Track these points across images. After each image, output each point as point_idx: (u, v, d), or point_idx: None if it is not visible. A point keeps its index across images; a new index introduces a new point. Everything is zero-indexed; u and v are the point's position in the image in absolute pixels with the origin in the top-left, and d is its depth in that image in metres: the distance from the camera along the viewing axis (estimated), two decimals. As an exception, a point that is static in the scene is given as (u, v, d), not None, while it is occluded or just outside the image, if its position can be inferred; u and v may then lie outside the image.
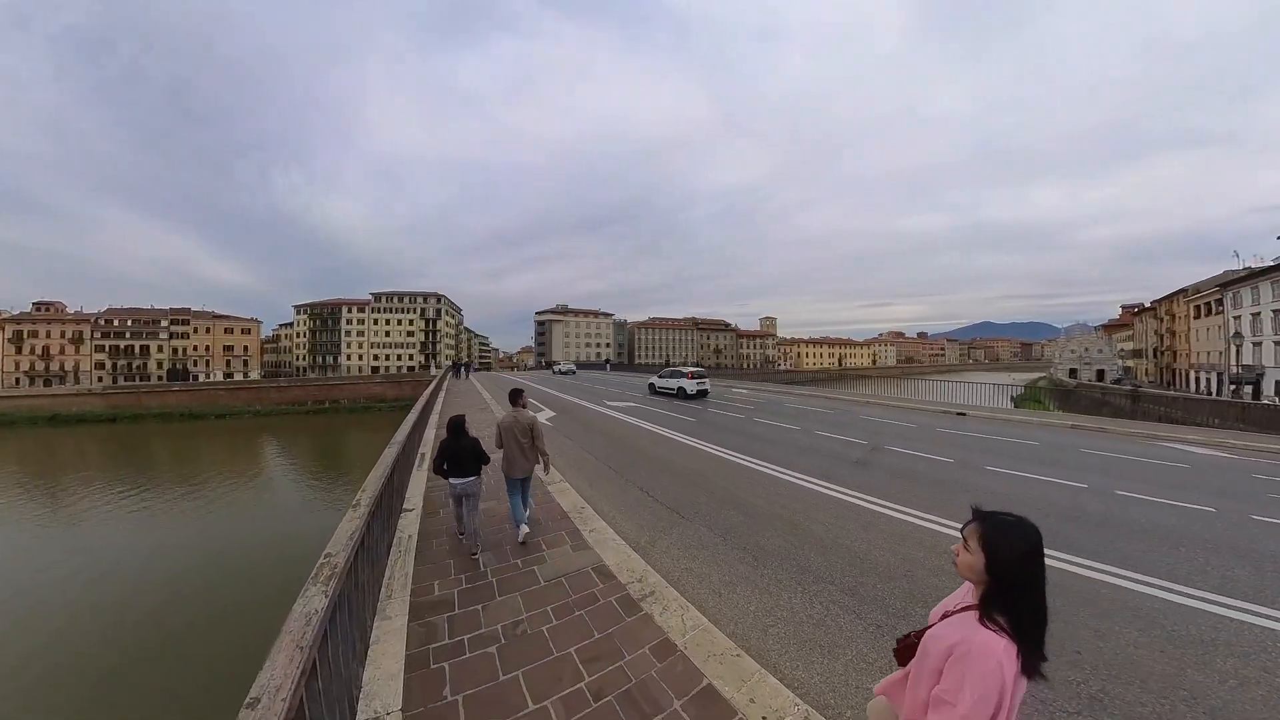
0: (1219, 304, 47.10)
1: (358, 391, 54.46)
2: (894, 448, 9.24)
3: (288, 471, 25.64)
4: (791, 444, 9.57)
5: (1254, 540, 5.10)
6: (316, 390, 53.46)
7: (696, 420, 12.61)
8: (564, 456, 8.36)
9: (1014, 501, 6.10)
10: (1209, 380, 47.49)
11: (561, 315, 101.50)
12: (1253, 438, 12.24)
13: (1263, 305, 42.09)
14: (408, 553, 4.39)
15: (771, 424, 12.26)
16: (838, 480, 6.77)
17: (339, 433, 39.89)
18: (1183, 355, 54.07)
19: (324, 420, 46.58)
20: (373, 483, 3.74)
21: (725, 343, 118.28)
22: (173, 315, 71.68)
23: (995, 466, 7.88)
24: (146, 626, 9.95)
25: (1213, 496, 6.66)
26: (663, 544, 4.81)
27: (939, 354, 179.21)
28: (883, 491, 6.27)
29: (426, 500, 6.06)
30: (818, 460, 8.07)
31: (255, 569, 12.50)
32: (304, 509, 19.03)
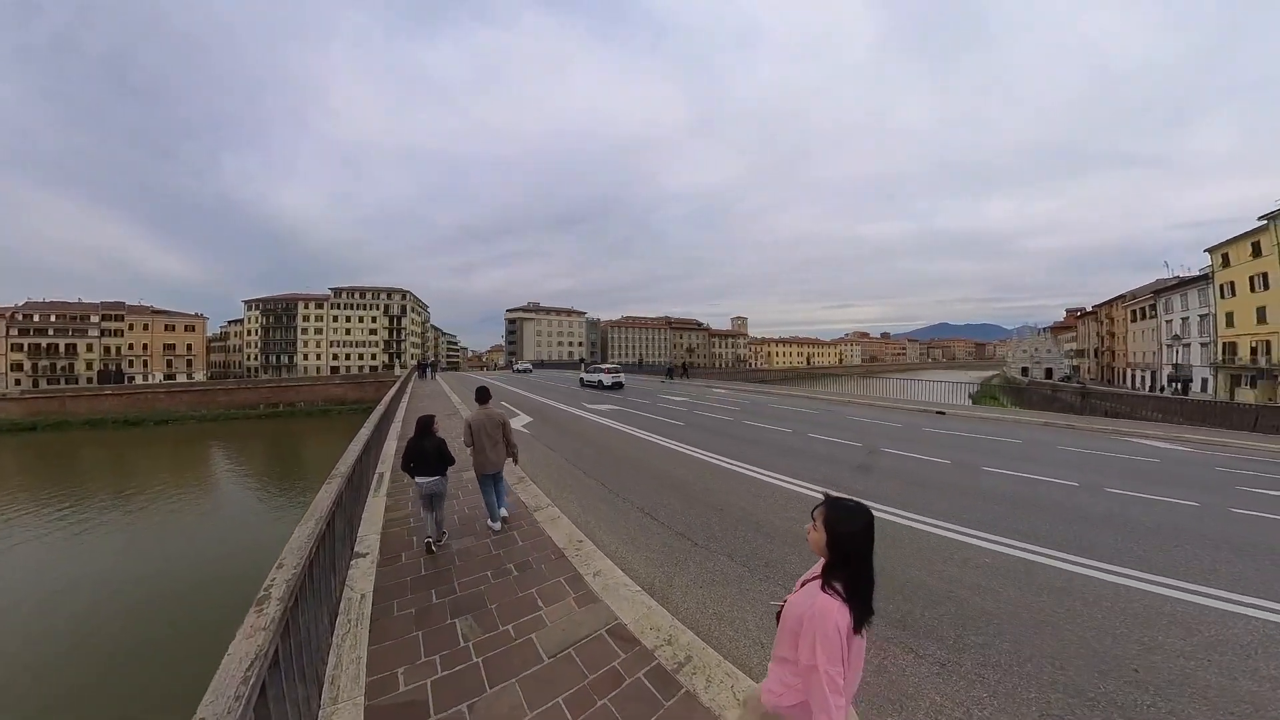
0: (1152, 309, 51.08)
1: (315, 393, 51.40)
2: (889, 450, 9.22)
3: (238, 481, 23.73)
4: (788, 448, 9.35)
5: (1244, 534, 5.30)
6: (269, 392, 50.06)
7: (685, 424, 12.23)
8: (547, 472, 7.67)
9: (1020, 503, 6.09)
10: (1144, 377, 51.48)
11: (533, 313, 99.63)
12: (1204, 431, 13.15)
13: (1190, 311, 45.84)
14: (360, 623, 3.27)
15: (761, 426, 12.09)
16: (845, 488, 6.55)
17: (295, 438, 37.48)
18: (1120, 355, 58.40)
19: (278, 425, 43.68)
20: (296, 551, 2.46)
21: (698, 342, 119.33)
22: (105, 310, 65.46)
23: (990, 467, 7.96)
24: (66, 662, 8.74)
25: (1191, 490, 6.94)
26: (680, 582, 4.11)
27: (901, 353, 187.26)
28: (894, 499, 6.11)
29: (385, 540, 4.80)
30: (820, 466, 7.88)
31: (202, 587, 11.36)
32: (257, 520, 17.59)
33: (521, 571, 4.06)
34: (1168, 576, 4.11)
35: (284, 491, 21.13)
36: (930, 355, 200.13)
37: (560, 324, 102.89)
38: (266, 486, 22.45)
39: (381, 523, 5.29)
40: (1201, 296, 44.03)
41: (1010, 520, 5.45)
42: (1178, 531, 5.26)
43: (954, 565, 4.31)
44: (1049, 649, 3.10)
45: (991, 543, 4.79)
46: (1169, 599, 3.73)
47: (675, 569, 4.32)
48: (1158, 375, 48.78)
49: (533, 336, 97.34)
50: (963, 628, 3.33)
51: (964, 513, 5.64)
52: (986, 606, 3.61)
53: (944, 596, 3.77)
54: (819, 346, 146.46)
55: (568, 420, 12.70)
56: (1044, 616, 3.48)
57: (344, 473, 4.04)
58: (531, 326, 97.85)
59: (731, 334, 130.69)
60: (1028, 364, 67.74)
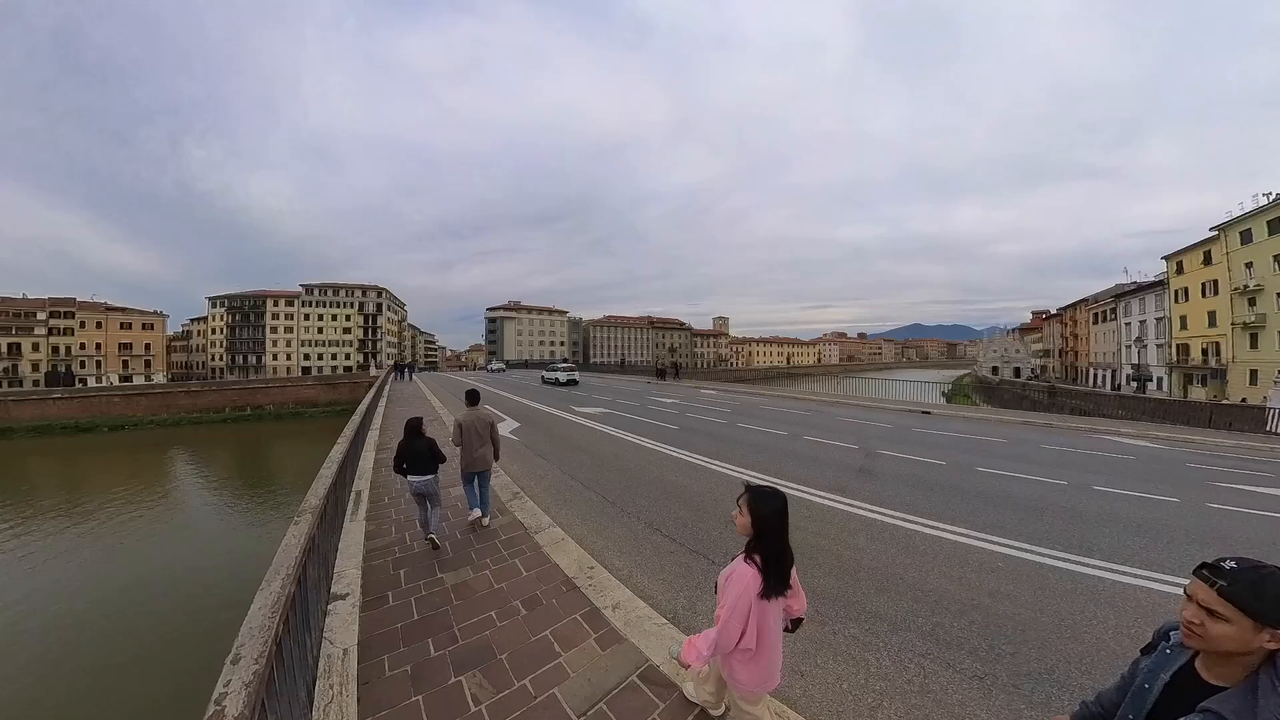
0: (1113, 312, 53.74)
1: (285, 395, 49.37)
2: (885, 451, 9.30)
3: (205, 491, 22.55)
4: (787, 452, 9.25)
5: (1225, 530, 5.54)
6: (236, 394, 47.82)
7: (680, 428, 12.03)
8: (544, 484, 7.23)
9: (1020, 504, 6.21)
10: (1104, 376, 54.15)
11: (514, 312, 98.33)
12: (1167, 428, 13.84)
13: (1147, 314, 48.37)
14: (344, 688, 2.72)
15: (756, 429, 11.99)
16: (854, 494, 6.49)
17: (265, 442, 35.91)
18: (1083, 355, 61.23)
19: (246, 429, 41.79)
20: (258, 634, 1.86)
21: (680, 341, 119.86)
22: (53, 307, 61.38)
23: (983, 467, 8.13)
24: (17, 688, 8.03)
25: (1170, 487, 7.30)
26: (706, 607, 3.74)
27: (877, 353, 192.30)
28: (902, 504, 6.10)
29: (368, 575, 4.12)
30: (822, 471, 7.76)
31: (171, 604, 10.67)
32: (228, 530, 16.71)
33: (530, 609, 3.65)
34: (1168, 574, 4.26)
35: (255, 500, 20.18)
36: (905, 355, 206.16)
37: (542, 323, 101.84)
38: (236, 495, 21.40)
39: (362, 553, 4.64)
40: (1158, 301, 46.54)
41: (1014, 522, 5.56)
42: (1166, 529, 5.47)
43: (972, 570, 4.32)
44: (1073, 653, 3.13)
45: (1003, 546, 4.86)
46: (1175, 597, 3.82)
47: (696, 592, 4.07)
48: (1117, 374, 51.43)
49: (514, 336, 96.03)
50: (993, 637, 3.33)
51: (971, 516, 5.71)
52: (1010, 612, 3.62)
53: (970, 605, 3.74)
54: (798, 346, 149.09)
55: (557, 425, 12.38)
56: (1062, 620, 3.54)
57: (315, 507, 3.37)
58: (513, 326, 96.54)
59: (713, 333, 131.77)
60: (998, 363, 70.43)
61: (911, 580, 4.15)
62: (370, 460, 8.15)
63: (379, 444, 9.52)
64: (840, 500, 6.22)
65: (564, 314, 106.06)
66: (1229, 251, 38.07)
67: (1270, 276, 34.71)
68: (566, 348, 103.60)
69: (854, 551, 4.77)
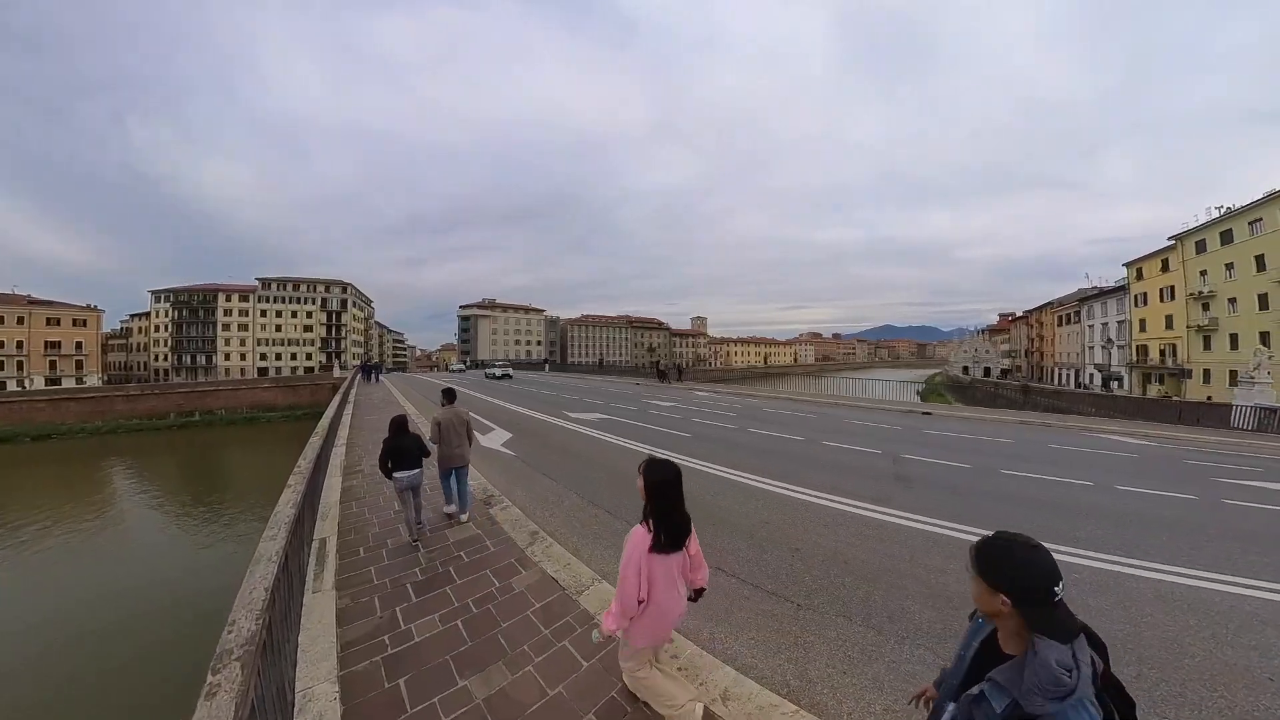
0: (1077, 315, 56.45)
1: (239, 399, 46.07)
2: (908, 456, 9.07)
3: (147, 506, 20.39)
4: (814, 460, 8.75)
5: (1250, 526, 5.63)
6: (183, 398, 44.23)
7: (693, 437, 11.17)
8: (562, 515, 6.03)
9: (1058, 506, 6.20)
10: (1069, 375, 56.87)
11: (489, 310, 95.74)
12: (1150, 426, 14.63)
13: (1109, 317, 50.91)
14: None
15: (771, 435, 11.43)
16: (901, 504, 6.13)
17: (216, 451, 33.21)
18: (1049, 355, 64.19)
19: (194, 436, 38.65)
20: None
21: (659, 341, 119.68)
22: (-38, 302, 55.59)
23: (1007, 470, 8.11)
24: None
25: (1184, 485, 7.46)
26: (819, 672, 3.05)
27: (851, 353, 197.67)
28: (949, 513, 5.83)
29: (349, 695, 2.75)
30: (861, 480, 7.30)
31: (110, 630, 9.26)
32: (174, 550, 15.00)
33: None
34: (1226, 574, 4.29)
35: (204, 515, 18.34)
36: (877, 355, 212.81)
37: (518, 322, 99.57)
38: (183, 510, 19.42)
39: (336, 651, 3.10)
40: (1119, 305, 49.08)
41: (1065, 527, 5.45)
42: (1199, 527, 5.56)
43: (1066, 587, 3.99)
44: (1200, 669, 3.00)
45: (1072, 555, 4.68)
46: (1245, 598, 3.87)
47: (799, 652, 3.25)
48: (1081, 374, 54.07)
49: (488, 335, 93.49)
50: (1141, 664, 3.10)
51: (1022, 522, 5.50)
52: (1130, 633, 3.42)
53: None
54: (775, 346, 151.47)
55: (554, 435, 11.33)
56: (1166, 633, 3.42)
57: (258, 605, 2.12)
58: (487, 324, 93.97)
59: (692, 333, 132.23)
60: (969, 363, 73.12)
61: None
62: (337, 491, 6.70)
63: (347, 465, 8.12)
64: (885, 511, 5.88)
65: (541, 313, 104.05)
66: (1185, 260, 40.38)
67: (1223, 283, 36.94)
68: (543, 347, 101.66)
69: (926, 572, 4.33)
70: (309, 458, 5.59)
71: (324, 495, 6.32)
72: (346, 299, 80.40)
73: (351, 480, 7.26)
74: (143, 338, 71.06)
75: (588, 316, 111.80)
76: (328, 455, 7.70)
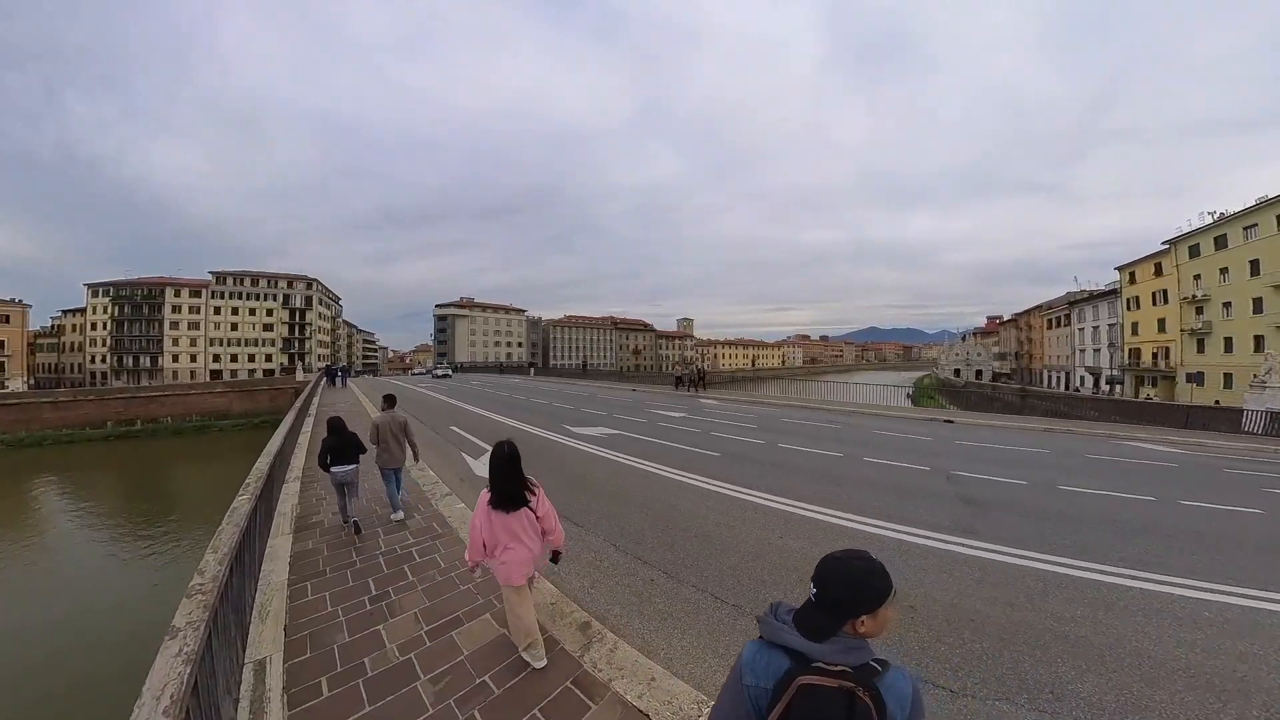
0: (1067, 318, 57.58)
1: (189, 405, 42.65)
2: (958, 473, 8.61)
3: (80, 528, 17.90)
4: (862, 481, 8.02)
5: None
6: (121, 404, 40.58)
7: (722, 455, 9.87)
8: (594, 576, 4.69)
9: (1133, 527, 6.04)
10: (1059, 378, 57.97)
11: (467, 310, 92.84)
12: (1166, 431, 15.04)
13: (1100, 320, 51.95)
14: None
15: (802, 450, 10.53)
16: (986, 535, 5.60)
17: (160, 465, 30.26)
18: (1038, 358, 65.48)
19: (136, 448, 35.33)
20: None
21: (645, 343, 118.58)
22: None
23: (1065, 485, 7.91)
24: None
25: (1241, 496, 7.41)
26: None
27: (838, 355, 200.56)
28: (1041, 542, 5.43)
29: None
30: (921, 505, 6.73)
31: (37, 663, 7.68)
32: (110, 576, 12.91)
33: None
34: None
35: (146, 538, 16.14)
36: (864, 357, 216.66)
37: (498, 322, 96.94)
38: (121, 532, 17.10)
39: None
40: (1110, 308, 50.08)
41: (1163, 554, 5.21)
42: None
43: (1193, 629, 3.76)
44: None
45: (1181, 588, 4.36)
46: None
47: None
48: (1071, 376, 55.12)
49: (466, 335, 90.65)
50: None
51: (1111, 550, 5.28)
52: None
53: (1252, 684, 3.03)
54: (763, 348, 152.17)
55: (563, 457, 9.71)
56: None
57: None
58: (465, 324, 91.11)
59: (678, 335, 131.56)
60: (960, 366, 74.20)
61: (1162, 658, 3.38)
62: (283, 560, 4.59)
63: (301, 515, 5.95)
64: (981, 546, 5.30)
65: (522, 313, 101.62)
66: (1178, 264, 41.24)
67: (1216, 287, 37.73)
68: (525, 349, 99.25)
69: (1063, 623, 3.83)
70: (241, 512, 3.74)
71: (264, 569, 4.39)
72: (311, 295, 76.54)
73: (306, 541, 5.28)
74: (77, 336, 65.70)
75: (571, 317, 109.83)
76: (273, 499, 5.80)
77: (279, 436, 6.81)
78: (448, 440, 11.40)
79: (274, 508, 5.73)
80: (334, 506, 5.95)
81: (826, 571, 1.24)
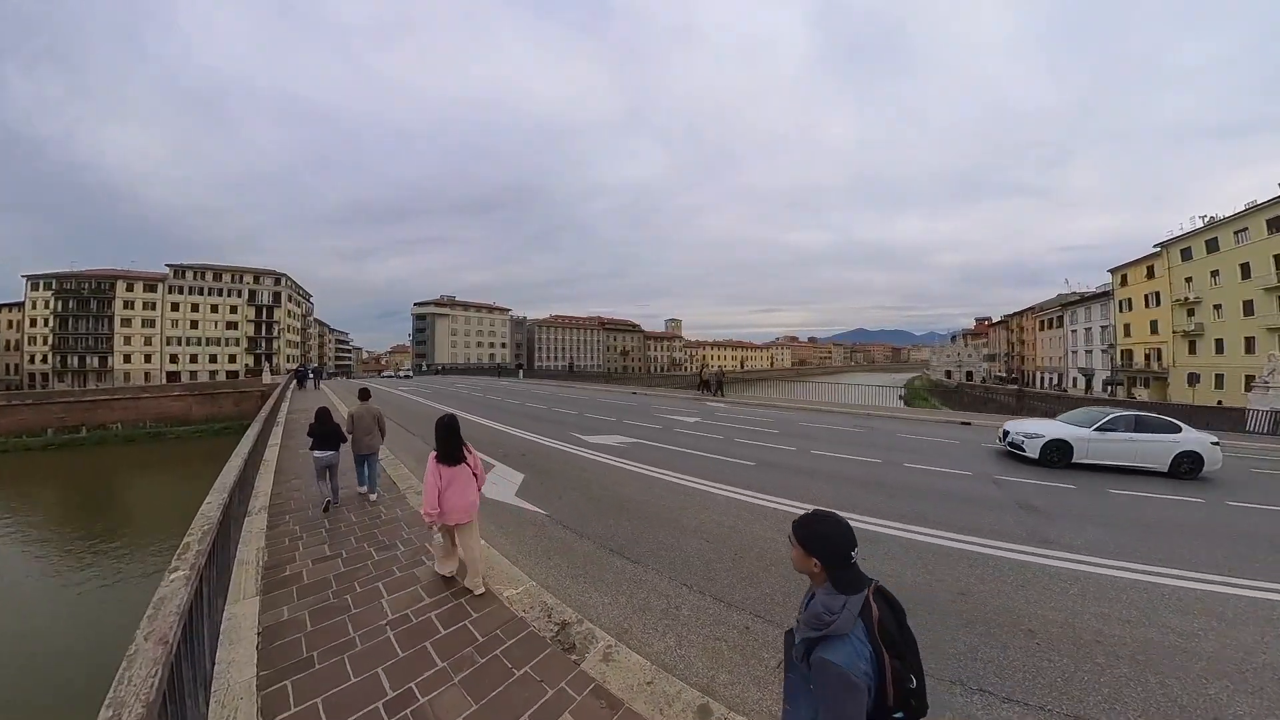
0: (1059, 320, 58.72)
1: (142, 410, 39.82)
2: (1003, 477, 8.54)
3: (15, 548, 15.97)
4: (912, 489, 7.67)
5: None
6: (64, 410, 37.53)
7: (757, 464, 9.13)
8: (676, 630, 3.78)
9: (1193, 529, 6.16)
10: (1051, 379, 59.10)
11: (447, 308, 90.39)
12: None
13: (1093, 322, 53.00)
14: None
15: (836, 456, 10.11)
16: (1064, 545, 5.51)
17: (109, 476, 27.86)
18: (1029, 360, 66.75)
19: (80, 458, 32.63)
20: None
21: (633, 344, 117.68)
22: None
23: (1115, 490, 7.93)
24: None
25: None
26: None
27: (826, 357, 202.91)
28: (1118, 551, 5.37)
29: None
30: (982, 513, 6.56)
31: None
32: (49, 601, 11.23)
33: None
34: None
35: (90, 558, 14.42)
36: (853, 359, 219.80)
37: (480, 321, 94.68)
38: (64, 552, 15.30)
39: None
40: (1103, 310, 51.15)
41: (1244, 560, 5.21)
42: None
43: None
44: None
45: None
46: None
47: None
48: (1064, 377, 56.22)
49: (446, 335, 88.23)
50: None
51: (1193, 557, 5.28)
52: None
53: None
54: (751, 350, 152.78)
55: (582, 472, 8.56)
56: None
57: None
58: (445, 324, 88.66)
59: (667, 336, 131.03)
60: (952, 368, 75.32)
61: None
62: (248, 649, 3.26)
63: (268, 566, 4.48)
64: (1061, 556, 5.20)
65: (506, 312, 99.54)
66: (1170, 267, 42.24)
67: (1208, 290, 38.68)
68: (509, 350, 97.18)
69: (1188, 639, 3.70)
70: (180, 575, 2.50)
71: (220, 665, 3.07)
72: (280, 292, 73.28)
73: (279, 608, 3.85)
74: (13, 334, 61.22)
75: (557, 317, 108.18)
76: (229, 550, 4.33)
77: (234, 464, 5.25)
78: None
79: (232, 557, 4.41)
80: (314, 551, 4.90)
81: (849, 533, 1.61)
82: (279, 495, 6.83)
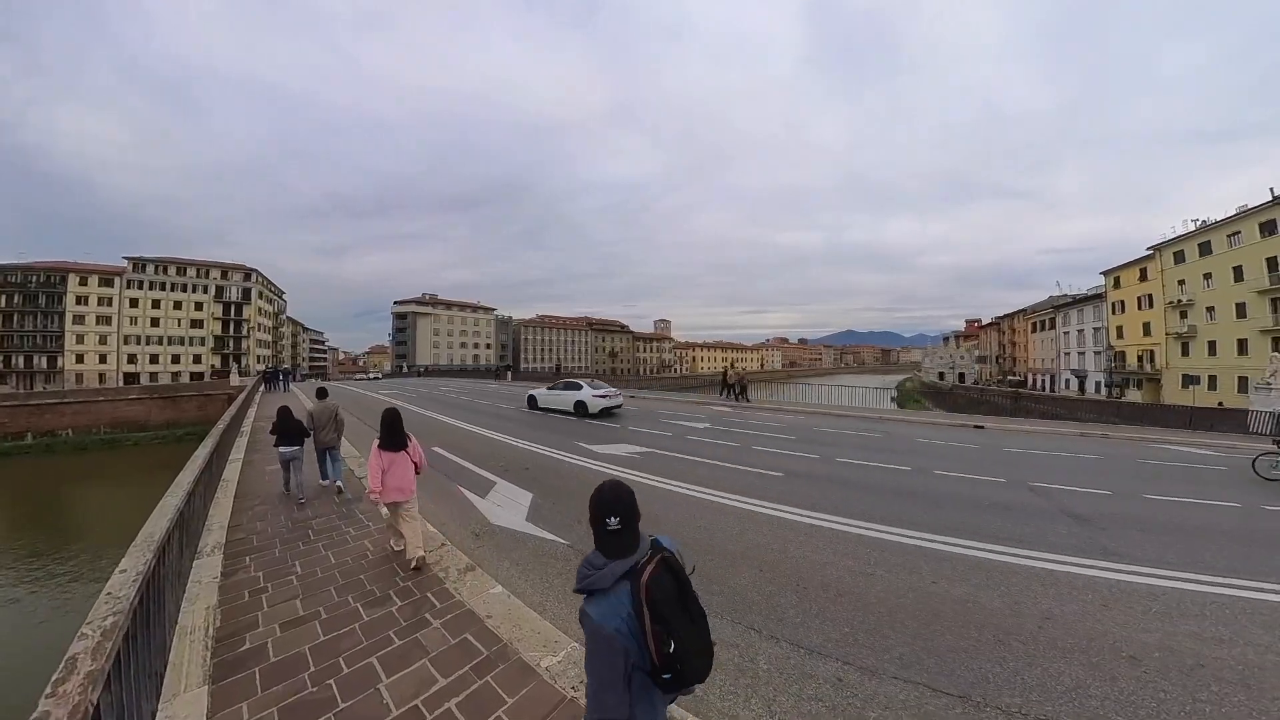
0: (1052, 322, 59.61)
1: (96, 415, 37.48)
2: (1037, 484, 8.24)
3: None
4: (954, 499, 7.35)
5: None
6: (7, 415, 35.09)
7: (785, 474, 8.50)
8: (763, 695, 3.06)
9: (1246, 537, 5.89)
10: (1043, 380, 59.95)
11: (429, 307, 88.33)
12: (1180, 434, 14.92)
13: (1085, 324, 53.83)
14: None
15: (864, 465, 9.61)
16: (1126, 557, 5.21)
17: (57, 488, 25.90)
18: (1022, 362, 67.74)
19: (24, 468, 30.40)
20: None
21: (622, 345, 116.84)
22: None
23: (1149, 495, 7.69)
24: None
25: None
26: None
27: (816, 358, 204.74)
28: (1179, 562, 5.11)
29: None
30: (1034, 524, 6.25)
31: None
32: None
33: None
34: None
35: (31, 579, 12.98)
36: (842, 360, 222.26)
37: (463, 321, 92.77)
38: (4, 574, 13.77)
39: None
40: (1095, 312, 51.98)
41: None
42: None
43: None
44: None
45: None
46: None
47: None
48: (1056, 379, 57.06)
49: (429, 336, 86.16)
50: None
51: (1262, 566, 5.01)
52: None
53: None
54: (742, 351, 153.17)
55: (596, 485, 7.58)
56: None
57: None
58: (427, 323, 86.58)
59: (656, 337, 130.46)
60: (944, 369, 76.20)
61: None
62: (199, 711, 2.61)
63: (218, 632, 3.49)
64: (1129, 570, 4.90)
65: (491, 311, 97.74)
66: (1163, 269, 43.00)
67: (1201, 292, 39.41)
68: (494, 350, 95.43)
69: None
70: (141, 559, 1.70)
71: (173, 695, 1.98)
72: (250, 288, 70.53)
73: (237, 705, 2.87)
74: (-43, 333, 57.88)
75: (544, 317, 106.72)
76: (163, 622, 3.17)
77: (170, 503, 3.78)
78: (436, 469, 8.46)
79: (169, 633, 3.29)
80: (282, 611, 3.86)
81: (612, 502, 1.76)
82: (239, 528, 5.71)
